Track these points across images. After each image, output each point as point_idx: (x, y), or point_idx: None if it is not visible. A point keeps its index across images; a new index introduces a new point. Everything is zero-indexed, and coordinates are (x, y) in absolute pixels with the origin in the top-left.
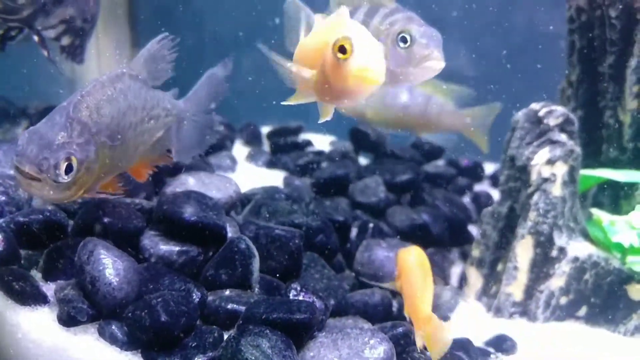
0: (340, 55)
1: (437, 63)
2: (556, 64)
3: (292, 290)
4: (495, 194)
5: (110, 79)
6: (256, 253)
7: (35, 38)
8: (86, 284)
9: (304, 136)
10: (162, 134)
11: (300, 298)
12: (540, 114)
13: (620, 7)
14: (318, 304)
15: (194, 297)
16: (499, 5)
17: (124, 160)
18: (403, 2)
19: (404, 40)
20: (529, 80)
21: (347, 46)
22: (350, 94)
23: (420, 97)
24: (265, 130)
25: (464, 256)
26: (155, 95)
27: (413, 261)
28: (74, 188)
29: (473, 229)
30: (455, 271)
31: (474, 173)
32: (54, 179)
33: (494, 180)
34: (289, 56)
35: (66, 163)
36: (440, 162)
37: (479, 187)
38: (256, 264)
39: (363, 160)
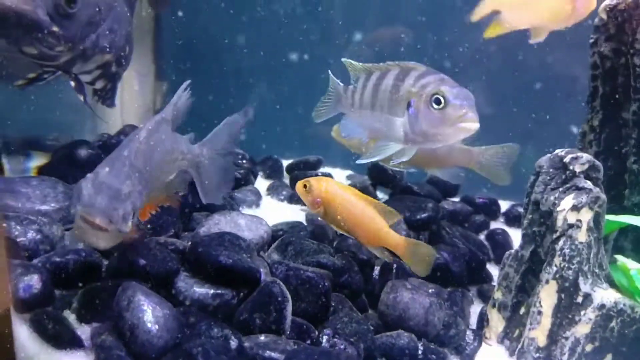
0: None
1: (471, 124)
2: (569, 105)
3: (325, 336)
4: (511, 232)
5: (155, 125)
6: (289, 297)
7: (72, 83)
8: (125, 330)
9: (323, 170)
10: (174, 177)
11: (332, 343)
12: (566, 160)
13: None
14: (350, 350)
15: (232, 344)
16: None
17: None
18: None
19: (438, 101)
20: (544, 122)
21: None
22: None
23: None
24: (285, 163)
25: (482, 295)
26: (175, 139)
27: (336, 185)
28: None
29: (490, 268)
30: (474, 310)
31: (490, 210)
32: (119, 229)
33: (509, 218)
34: None
35: (132, 213)
36: (456, 199)
37: (494, 225)
38: (289, 308)
39: (380, 195)
